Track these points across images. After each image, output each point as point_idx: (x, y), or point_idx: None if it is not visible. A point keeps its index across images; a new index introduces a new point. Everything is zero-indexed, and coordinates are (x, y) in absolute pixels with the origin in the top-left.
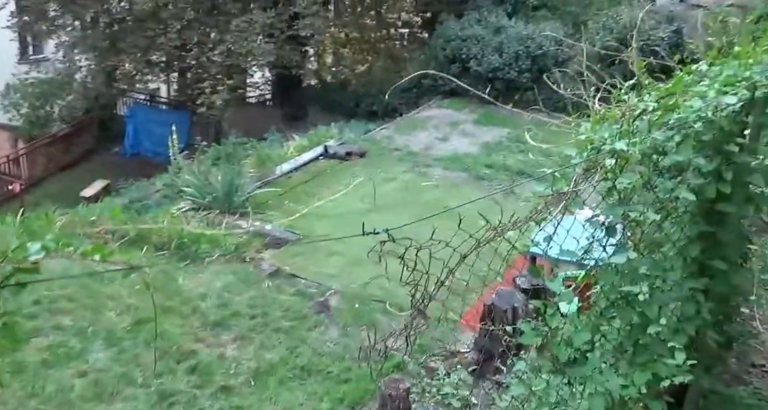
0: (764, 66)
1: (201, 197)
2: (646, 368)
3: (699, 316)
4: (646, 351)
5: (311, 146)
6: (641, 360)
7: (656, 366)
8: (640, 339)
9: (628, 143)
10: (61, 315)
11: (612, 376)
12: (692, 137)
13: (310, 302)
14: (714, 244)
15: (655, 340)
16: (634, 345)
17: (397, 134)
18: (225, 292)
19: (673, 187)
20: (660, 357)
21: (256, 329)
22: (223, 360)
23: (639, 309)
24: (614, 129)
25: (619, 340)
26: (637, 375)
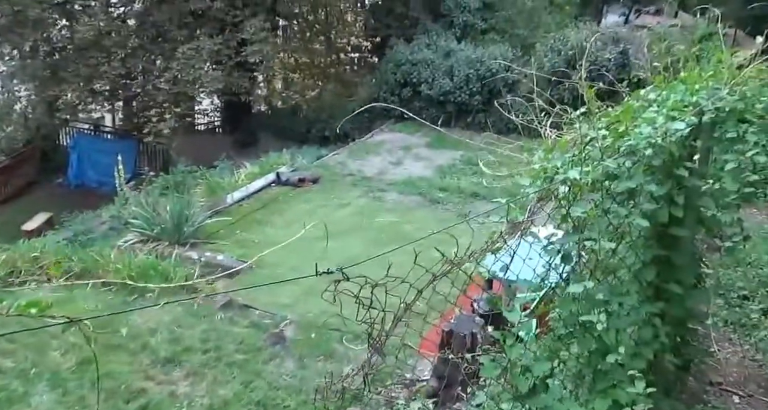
0: (710, 91)
1: (149, 228)
2: (606, 395)
3: (657, 340)
4: (606, 378)
5: (263, 173)
6: (601, 387)
7: (616, 393)
8: (600, 366)
9: (581, 171)
10: (2, 357)
11: (573, 405)
12: (643, 162)
13: (265, 334)
14: (668, 267)
15: (614, 367)
16: (594, 372)
17: (350, 159)
18: (175, 326)
19: (626, 213)
20: (620, 384)
21: (209, 364)
22: (174, 398)
23: (597, 335)
24: (566, 158)
25: (578, 367)
26: (598, 403)
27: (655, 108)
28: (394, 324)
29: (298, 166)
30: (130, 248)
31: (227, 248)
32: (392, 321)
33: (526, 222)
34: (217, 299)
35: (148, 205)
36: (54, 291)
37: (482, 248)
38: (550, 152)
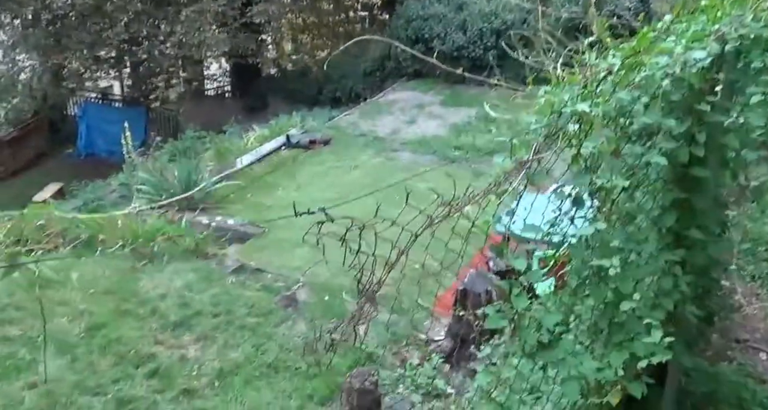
0: (733, 18)
1: (157, 194)
2: (622, 348)
3: (677, 290)
4: (622, 330)
5: (273, 136)
6: (617, 340)
7: (633, 346)
8: (615, 317)
9: (591, 104)
10: (9, 325)
11: (586, 359)
12: (660, 97)
13: (277, 297)
14: (690, 212)
15: (631, 318)
16: (609, 324)
17: (362, 120)
18: (186, 291)
19: (642, 152)
20: (637, 336)
21: (220, 327)
22: (184, 362)
23: (612, 285)
24: (575, 90)
25: (593, 320)
26: (613, 356)
27: (674, 38)
28: (386, 270)
29: (308, 128)
30: (139, 214)
31: (238, 212)
32: (385, 267)
33: (532, 162)
34: (228, 264)
35: (155, 170)
36: (62, 259)
37: (485, 190)
38: (558, 86)
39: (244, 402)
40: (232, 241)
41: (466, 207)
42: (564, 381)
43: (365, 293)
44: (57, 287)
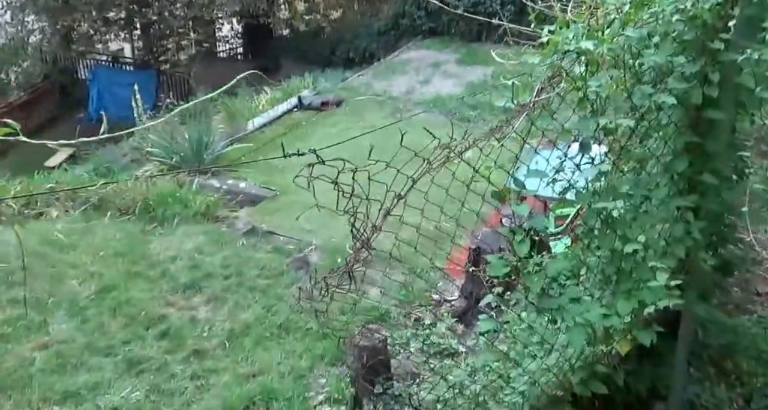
0: None
1: (168, 157)
2: (631, 296)
3: (689, 236)
4: (630, 278)
5: (285, 98)
6: (625, 288)
7: (641, 293)
8: (623, 264)
9: (597, 42)
10: (19, 287)
11: (592, 306)
12: (672, 36)
13: (288, 259)
14: (703, 157)
15: (640, 265)
16: (617, 272)
17: (376, 80)
18: (196, 253)
19: (651, 92)
20: (645, 283)
21: (230, 289)
22: (195, 324)
23: (620, 231)
24: (580, 28)
25: (600, 268)
26: (621, 304)
27: None
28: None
29: (321, 89)
30: (150, 177)
31: (250, 175)
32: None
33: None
34: (239, 227)
35: (165, 133)
36: (72, 222)
37: (485, 134)
38: (564, 25)
39: (255, 363)
40: (244, 204)
41: (467, 152)
42: (569, 329)
43: (360, 238)
44: (67, 250)
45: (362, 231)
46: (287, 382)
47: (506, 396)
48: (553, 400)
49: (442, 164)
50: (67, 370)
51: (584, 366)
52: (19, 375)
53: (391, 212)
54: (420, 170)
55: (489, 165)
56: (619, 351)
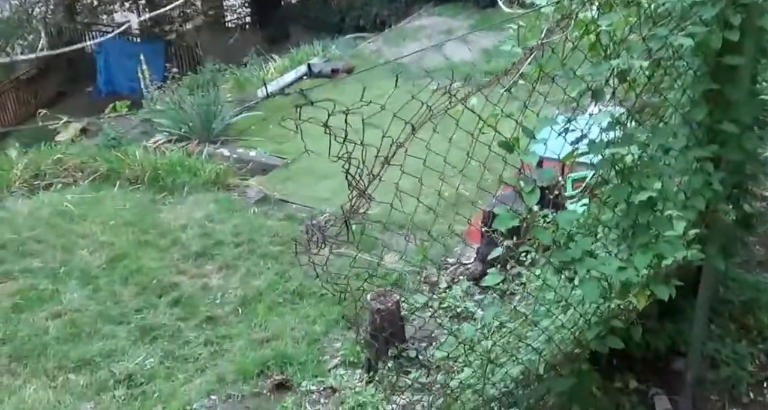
0: None
1: (176, 127)
2: (648, 249)
3: (709, 187)
4: (647, 230)
5: (294, 66)
6: (642, 241)
7: (658, 246)
8: (639, 216)
9: None
10: (30, 258)
11: (609, 259)
12: None
13: (301, 226)
14: (722, 105)
15: (658, 218)
16: (633, 225)
17: (387, 47)
18: (207, 222)
19: (666, 34)
20: (662, 236)
21: (242, 256)
22: (207, 291)
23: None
24: None
25: (614, 222)
26: (638, 258)
27: None
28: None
29: (330, 57)
30: (159, 147)
31: (260, 144)
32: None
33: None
34: (251, 195)
35: (173, 103)
36: (81, 192)
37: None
38: None
39: (268, 328)
40: (255, 173)
41: (471, 99)
42: (583, 282)
43: (356, 185)
44: (77, 220)
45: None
46: (301, 347)
47: (521, 354)
48: (569, 357)
49: (445, 111)
50: (81, 338)
51: (600, 322)
52: (34, 344)
53: (389, 160)
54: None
55: (496, 113)
56: (636, 306)
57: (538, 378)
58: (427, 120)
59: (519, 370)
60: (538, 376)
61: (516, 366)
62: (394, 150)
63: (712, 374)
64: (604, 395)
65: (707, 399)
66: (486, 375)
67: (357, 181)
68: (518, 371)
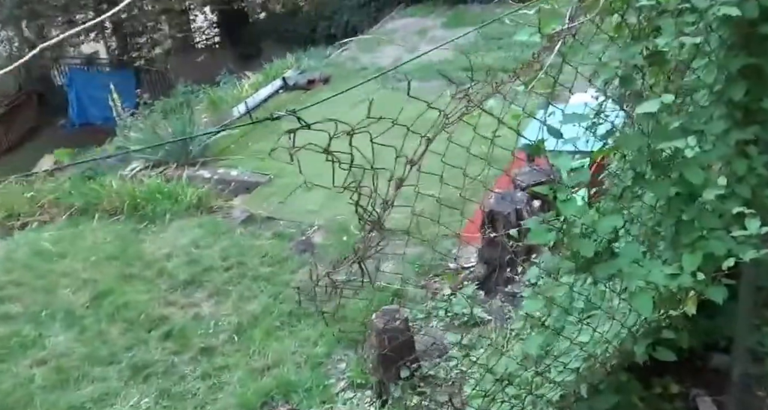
0: None
1: (153, 152)
2: (695, 248)
3: (753, 173)
4: (693, 228)
5: (268, 80)
6: (687, 240)
7: (708, 244)
8: (684, 213)
9: None
10: (9, 303)
11: (655, 265)
12: None
13: (291, 243)
14: (760, 81)
15: (703, 212)
16: (676, 224)
17: (362, 53)
18: (193, 248)
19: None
20: (710, 233)
21: (233, 281)
22: (199, 321)
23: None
24: None
25: (655, 220)
26: (686, 259)
27: None
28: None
29: (305, 68)
30: (136, 175)
31: (241, 162)
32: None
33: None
34: (236, 216)
35: (148, 129)
36: (59, 229)
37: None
38: None
39: (267, 355)
40: (238, 192)
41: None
42: (633, 296)
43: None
44: (57, 258)
45: (371, 210)
46: (304, 372)
47: (558, 375)
48: (609, 372)
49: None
50: (69, 384)
51: (649, 333)
52: (19, 395)
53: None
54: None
55: (517, 114)
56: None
57: (578, 400)
58: (442, 130)
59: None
60: (577, 398)
61: (555, 391)
62: (408, 169)
63: (755, 368)
64: (646, 405)
65: (753, 396)
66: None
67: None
68: (558, 396)
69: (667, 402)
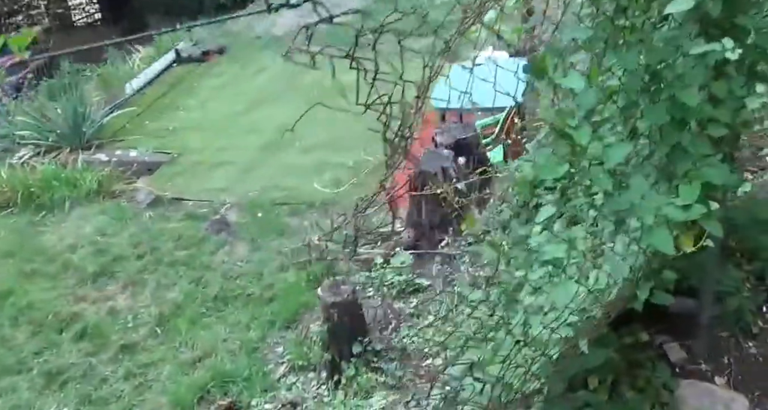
0: None
1: (43, 137)
2: (691, 178)
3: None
4: (686, 156)
5: (161, 54)
6: (682, 170)
7: (705, 173)
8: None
9: None
10: None
11: (659, 199)
12: None
13: (205, 224)
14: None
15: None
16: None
17: (257, 22)
18: (98, 236)
19: None
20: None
21: (148, 269)
22: (115, 316)
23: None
24: None
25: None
26: (684, 191)
27: None
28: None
29: (198, 39)
30: (27, 163)
31: (140, 142)
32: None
33: None
34: (141, 199)
35: (34, 113)
36: None
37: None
38: None
39: (196, 345)
40: (140, 174)
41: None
42: (650, 231)
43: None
44: None
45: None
46: (240, 359)
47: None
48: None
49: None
50: None
51: (651, 275)
52: None
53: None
54: None
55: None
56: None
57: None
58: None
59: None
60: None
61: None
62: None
63: (718, 309)
64: (622, 357)
65: (719, 338)
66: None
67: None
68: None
69: (639, 351)
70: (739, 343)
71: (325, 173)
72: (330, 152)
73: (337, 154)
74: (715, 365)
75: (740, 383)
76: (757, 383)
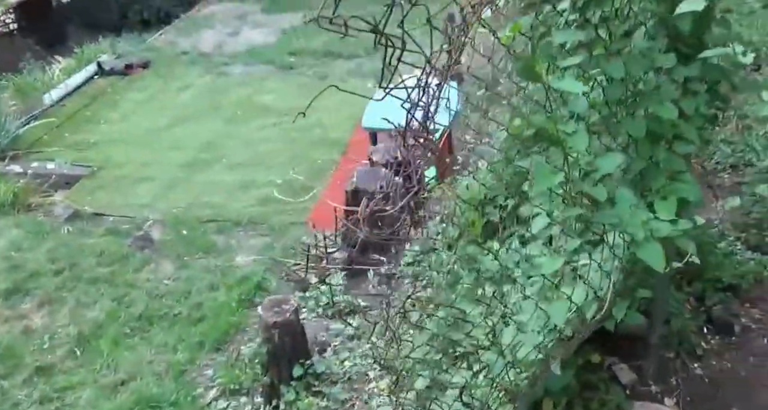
0: None
1: None
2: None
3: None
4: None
5: (82, 66)
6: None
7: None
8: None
9: None
10: None
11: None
12: None
13: (128, 240)
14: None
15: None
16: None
17: (181, 38)
18: (12, 252)
19: None
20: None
21: (66, 286)
22: (29, 335)
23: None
24: None
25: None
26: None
27: None
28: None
29: (121, 53)
30: None
31: (58, 154)
32: None
33: None
34: (59, 213)
35: None
36: None
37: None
38: None
39: (119, 367)
40: (57, 187)
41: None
42: (641, 246)
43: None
44: None
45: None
46: (167, 383)
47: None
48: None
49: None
50: None
51: (625, 294)
52: None
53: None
54: None
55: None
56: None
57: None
58: None
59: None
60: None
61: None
62: None
63: (665, 329)
64: (575, 378)
65: (667, 359)
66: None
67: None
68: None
69: (591, 372)
70: (685, 364)
71: (252, 190)
72: (257, 170)
73: (264, 172)
74: (665, 386)
75: (688, 404)
76: (704, 404)
